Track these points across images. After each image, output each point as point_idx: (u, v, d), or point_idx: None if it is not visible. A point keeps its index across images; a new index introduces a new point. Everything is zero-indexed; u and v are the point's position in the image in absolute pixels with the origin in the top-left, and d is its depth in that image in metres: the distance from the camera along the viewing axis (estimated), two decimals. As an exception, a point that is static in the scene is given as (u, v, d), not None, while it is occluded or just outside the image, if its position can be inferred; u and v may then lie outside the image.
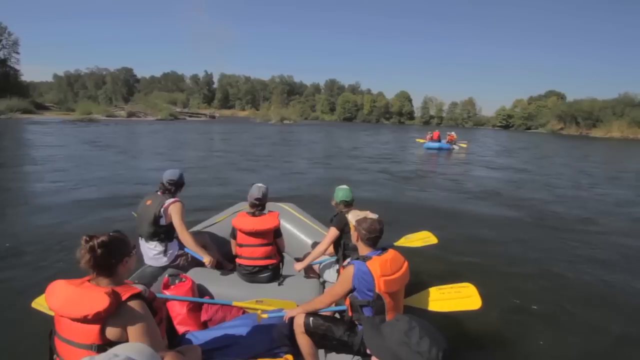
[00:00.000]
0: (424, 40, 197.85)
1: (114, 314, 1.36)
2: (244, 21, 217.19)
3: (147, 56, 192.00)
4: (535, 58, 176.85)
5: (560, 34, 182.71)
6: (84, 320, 1.33)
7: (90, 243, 1.42)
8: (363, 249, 2.11)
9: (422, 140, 21.77)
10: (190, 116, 64.03)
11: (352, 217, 2.19)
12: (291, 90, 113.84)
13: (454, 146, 20.85)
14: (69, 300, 1.36)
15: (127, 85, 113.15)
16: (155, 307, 1.56)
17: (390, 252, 2.07)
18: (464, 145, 21.87)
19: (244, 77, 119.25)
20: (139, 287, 1.51)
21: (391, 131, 48.48)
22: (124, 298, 1.39)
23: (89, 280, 1.46)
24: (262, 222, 2.81)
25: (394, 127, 72.85)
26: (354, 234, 2.16)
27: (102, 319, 1.34)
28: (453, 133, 21.84)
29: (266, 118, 57.14)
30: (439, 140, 20.75)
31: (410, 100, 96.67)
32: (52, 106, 61.47)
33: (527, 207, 8.20)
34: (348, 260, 2.33)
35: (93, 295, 1.35)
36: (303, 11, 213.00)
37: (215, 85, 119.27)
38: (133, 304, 1.41)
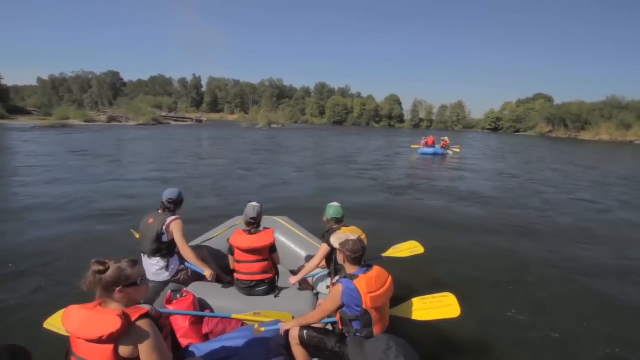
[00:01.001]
0: (413, 43, 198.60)
1: (126, 334, 1.50)
2: (233, 25, 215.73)
3: (135, 60, 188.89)
4: (523, 61, 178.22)
5: (546, 36, 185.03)
6: (99, 341, 1.47)
7: (100, 268, 1.57)
8: (350, 268, 2.28)
9: (416, 146, 21.93)
10: (175, 120, 62.56)
11: (335, 240, 2.36)
12: (281, 94, 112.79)
13: (448, 151, 21.08)
14: (84, 324, 1.51)
15: (114, 89, 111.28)
16: (161, 324, 1.69)
17: (375, 269, 2.27)
18: (457, 150, 22.02)
19: (233, 81, 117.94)
20: (147, 307, 1.63)
21: (382, 135, 48.02)
22: (133, 319, 1.53)
23: (99, 304, 1.60)
24: (258, 240, 2.93)
25: (384, 130, 72.47)
26: (340, 256, 2.34)
27: (115, 339, 1.48)
28: (446, 138, 22.04)
29: (254, 122, 55.87)
30: (434, 146, 20.89)
31: (400, 104, 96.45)
32: (35, 110, 59.84)
33: (514, 216, 8.15)
34: (337, 278, 2.51)
35: (106, 318, 1.50)
36: (292, 14, 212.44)
37: (203, 89, 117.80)
38: (142, 323, 1.55)
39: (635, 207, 9.81)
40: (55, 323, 2.35)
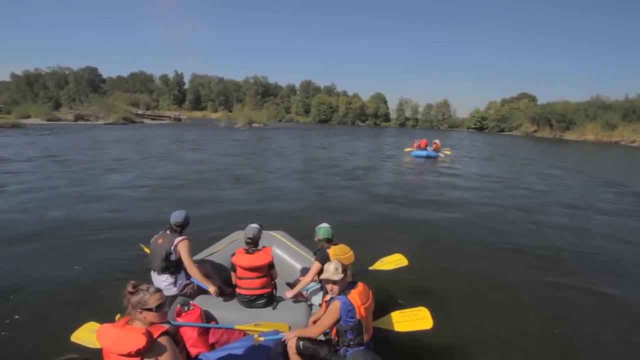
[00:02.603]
0: (399, 41, 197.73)
1: (149, 349, 1.81)
2: (217, 23, 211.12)
3: (115, 55, 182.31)
4: (507, 59, 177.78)
5: (531, 34, 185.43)
6: (128, 355, 1.78)
7: (130, 289, 1.97)
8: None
9: (409, 149, 22.45)
10: (153, 119, 60.12)
11: (325, 276, 2.65)
12: (266, 92, 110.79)
13: (439, 154, 21.61)
14: (116, 341, 1.83)
15: (92, 86, 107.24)
16: (177, 339, 2.12)
17: (360, 286, 2.65)
18: (448, 153, 22.50)
19: (216, 78, 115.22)
20: (166, 326, 1.98)
21: (370, 135, 46.76)
22: (155, 336, 1.87)
23: (127, 322, 1.95)
24: (258, 259, 3.24)
25: (370, 129, 71.44)
26: (330, 287, 2.63)
27: (141, 353, 1.79)
28: (437, 141, 22.50)
29: (234, 121, 53.37)
30: (426, 148, 21.43)
31: (385, 102, 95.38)
32: (3, 107, 56.60)
33: (500, 229, 7.93)
34: (329, 296, 2.70)
35: (133, 336, 1.81)
36: (278, 12, 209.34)
37: (186, 86, 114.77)
38: (162, 339, 1.89)
39: (620, 217, 9.37)
40: (80, 336, 2.74)
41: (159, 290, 2.03)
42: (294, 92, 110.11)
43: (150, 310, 1.95)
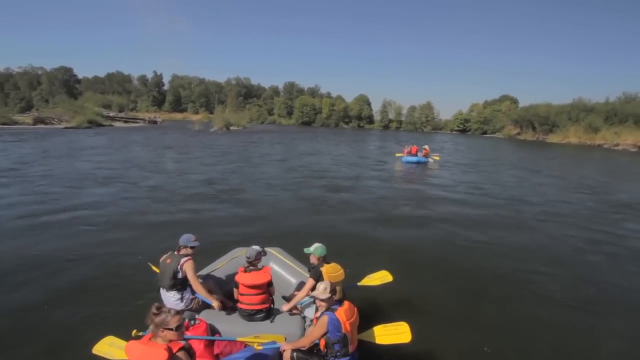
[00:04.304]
0: (382, 42, 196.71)
1: None
2: (200, 23, 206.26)
3: (91, 55, 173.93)
4: (489, 61, 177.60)
5: (512, 34, 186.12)
6: None
7: (154, 311, 2.32)
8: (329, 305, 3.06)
9: (400, 154, 22.96)
10: (125, 121, 57.42)
11: (317, 293, 3.05)
12: (248, 93, 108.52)
13: (429, 159, 22.34)
14: (142, 355, 2.19)
15: (67, 86, 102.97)
16: (192, 352, 2.41)
17: (346, 304, 3.05)
18: (437, 158, 23.04)
19: (197, 79, 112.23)
20: (182, 342, 2.34)
21: (355, 139, 45.55)
22: (174, 351, 2.22)
23: (150, 338, 2.31)
24: (258, 278, 3.59)
25: (355, 132, 70.37)
26: (319, 303, 3.05)
27: None
28: (427, 147, 23.35)
29: (212, 124, 51.01)
30: (416, 154, 22.04)
31: (369, 104, 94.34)
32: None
33: (482, 240, 8.02)
34: (319, 312, 3.07)
35: (156, 351, 2.17)
36: (262, 14, 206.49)
37: (165, 87, 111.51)
38: (180, 354, 2.26)
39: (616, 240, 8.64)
40: (101, 349, 3.08)
41: (178, 312, 2.39)
42: (277, 94, 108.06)
43: (170, 329, 2.29)
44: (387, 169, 19.37)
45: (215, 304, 3.60)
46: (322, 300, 2.97)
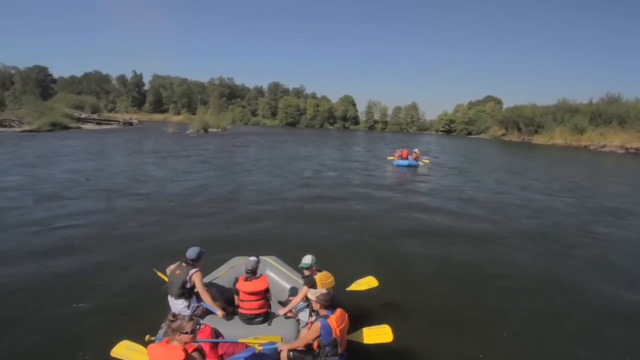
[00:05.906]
0: (367, 43, 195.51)
1: None
2: (183, 23, 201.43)
3: (69, 54, 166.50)
4: (473, 61, 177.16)
5: (496, 35, 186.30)
6: None
7: (171, 318, 2.74)
8: (322, 311, 3.42)
9: (392, 158, 23.66)
10: (98, 123, 54.61)
11: (311, 295, 3.55)
12: (232, 93, 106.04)
13: (419, 162, 23.01)
14: (162, 355, 2.59)
15: (41, 86, 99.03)
16: (203, 353, 2.79)
17: (338, 311, 3.42)
18: (427, 162, 23.81)
19: (179, 79, 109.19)
20: (196, 344, 2.74)
21: (342, 141, 44.23)
22: (189, 351, 2.61)
23: (168, 341, 2.69)
24: (257, 286, 3.95)
25: (340, 132, 69.22)
26: (315, 304, 3.48)
27: None
28: (417, 150, 23.96)
29: (190, 125, 48.22)
30: (407, 158, 22.59)
31: (354, 105, 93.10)
32: None
33: (472, 249, 7.88)
34: (314, 317, 3.57)
35: (175, 352, 2.57)
36: (246, 14, 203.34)
37: (146, 87, 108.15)
38: (194, 354, 2.64)
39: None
40: (118, 352, 3.35)
41: (192, 319, 2.77)
42: (262, 94, 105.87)
43: (186, 333, 2.68)
44: (379, 174, 19.38)
45: (219, 313, 3.95)
46: (321, 300, 3.42)
